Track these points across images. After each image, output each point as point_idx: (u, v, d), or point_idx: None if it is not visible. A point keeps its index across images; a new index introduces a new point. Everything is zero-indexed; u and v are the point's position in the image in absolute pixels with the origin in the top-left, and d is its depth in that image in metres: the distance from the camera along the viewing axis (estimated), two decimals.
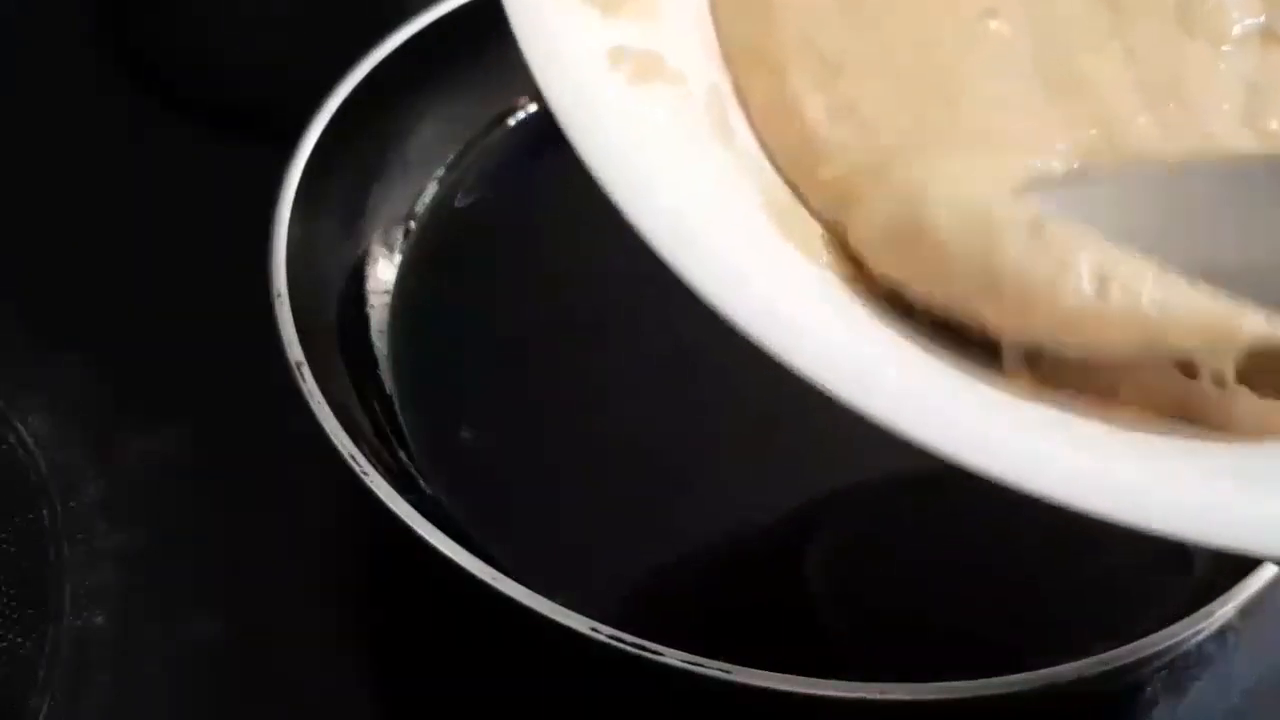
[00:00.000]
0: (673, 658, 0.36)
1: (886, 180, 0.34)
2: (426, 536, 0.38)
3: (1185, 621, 0.39)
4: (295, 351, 0.42)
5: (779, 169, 0.36)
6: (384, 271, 0.50)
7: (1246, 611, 0.42)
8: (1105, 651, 0.38)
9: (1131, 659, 0.38)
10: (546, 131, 0.57)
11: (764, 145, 0.36)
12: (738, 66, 0.37)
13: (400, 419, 0.46)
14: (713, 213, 0.32)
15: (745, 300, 0.30)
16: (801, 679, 0.36)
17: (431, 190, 0.53)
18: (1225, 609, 0.40)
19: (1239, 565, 0.41)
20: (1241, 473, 0.31)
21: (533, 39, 0.33)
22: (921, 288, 0.33)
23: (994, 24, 0.36)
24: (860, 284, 0.33)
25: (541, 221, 0.52)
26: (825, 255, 0.34)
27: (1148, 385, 0.32)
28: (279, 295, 0.44)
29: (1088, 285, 0.31)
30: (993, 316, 0.32)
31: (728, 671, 0.36)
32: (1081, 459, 0.30)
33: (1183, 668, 0.43)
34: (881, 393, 0.29)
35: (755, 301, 0.30)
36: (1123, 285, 0.31)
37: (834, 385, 0.29)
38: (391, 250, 0.51)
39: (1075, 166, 0.34)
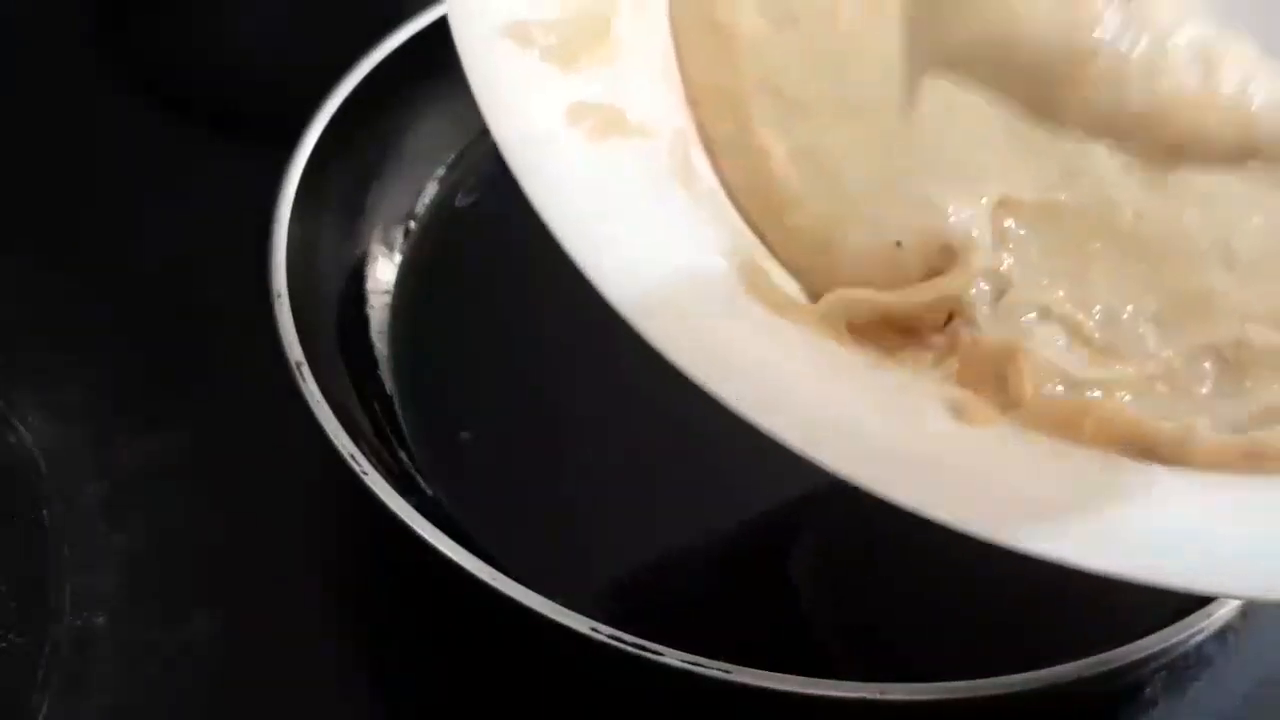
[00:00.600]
0: (673, 658, 0.36)
1: None
2: (426, 536, 0.39)
3: (1185, 621, 0.39)
4: (295, 351, 0.42)
5: (743, 213, 0.36)
6: (384, 271, 0.50)
7: (1246, 611, 0.42)
8: (1105, 651, 0.38)
9: (1131, 659, 0.38)
10: None
11: (728, 188, 0.36)
12: (701, 108, 0.37)
13: (400, 419, 0.46)
14: (673, 269, 0.33)
15: (705, 357, 0.30)
16: (801, 679, 0.36)
17: (431, 190, 0.53)
18: (1225, 609, 0.40)
19: None
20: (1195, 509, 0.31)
21: (491, 99, 0.33)
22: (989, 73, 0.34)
23: None
24: (827, 329, 0.33)
25: (542, 221, 0.52)
26: (788, 305, 0.34)
27: (1108, 421, 0.32)
28: (279, 295, 0.44)
29: (1190, 68, 0.32)
30: (1077, 96, 0.33)
31: (728, 671, 0.36)
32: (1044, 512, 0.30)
33: (1183, 668, 0.43)
34: (837, 449, 0.30)
35: (716, 359, 0.31)
36: (1229, 72, 0.32)
37: (795, 442, 0.30)
38: (391, 250, 0.51)
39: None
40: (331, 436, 0.41)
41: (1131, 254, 0.33)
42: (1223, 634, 0.43)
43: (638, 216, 0.33)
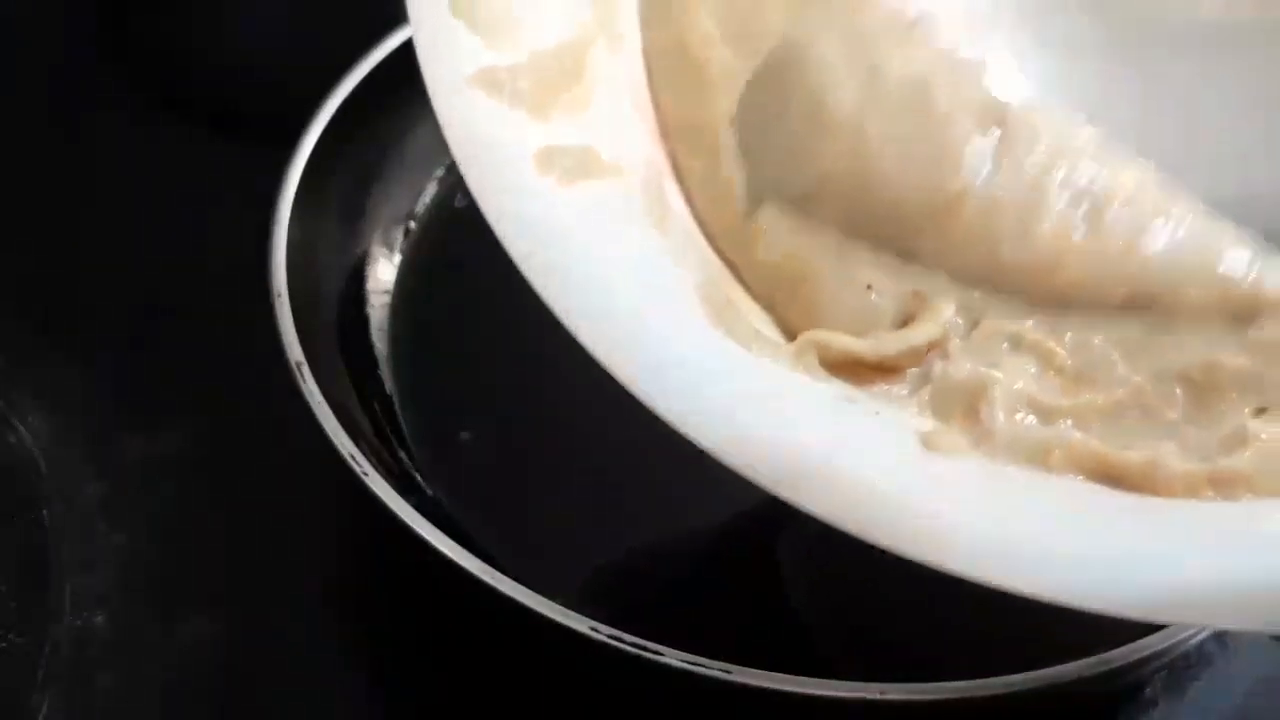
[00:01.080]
0: (673, 658, 0.36)
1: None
2: (426, 536, 0.38)
3: (1185, 621, 0.39)
4: (295, 351, 0.42)
5: (715, 245, 0.36)
6: (384, 271, 0.50)
7: None
8: (1105, 651, 0.38)
9: (1131, 659, 0.38)
10: None
11: (700, 220, 0.36)
12: (675, 143, 0.37)
13: (400, 419, 0.46)
14: (645, 309, 0.33)
15: (676, 397, 0.31)
16: (801, 679, 0.36)
17: (431, 190, 0.53)
18: None
19: None
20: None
21: (465, 148, 0.34)
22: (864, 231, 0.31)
23: None
24: (799, 364, 0.33)
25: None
26: (759, 340, 0.34)
27: (1075, 452, 0.32)
28: (279, 295, 0.44)
29: (1075, 209, 0.29)
30: (944, 246, 0.30)
31: (728, 671, 0.36)
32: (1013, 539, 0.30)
33: (1183, 668, 0.43)
34: (807, 488, 0.30)
35: (687, 397, 0.31)
36: (1119, 214, 0.29)
37: (766, 481, 0.30)
38: (391, 250, 0.51)
39: None
40: (331, 436, 0.41)
41: None
42: (1223, 634, 0.43)
43: (611, 260, 0.33)
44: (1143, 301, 0.30)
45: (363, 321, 0.49)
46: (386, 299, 0.50)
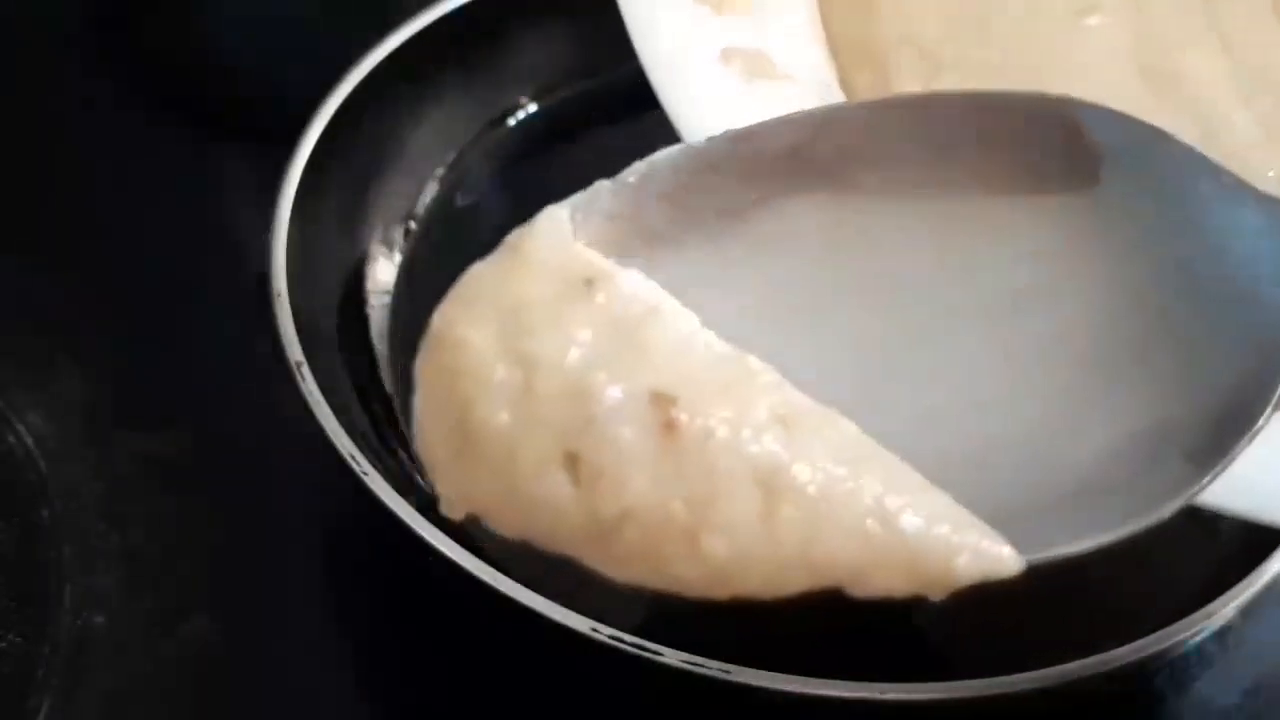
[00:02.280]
0: (673, 658, 0.36)
1: None
2: (426, 536, 0.38)
3: (1185, 621, 0.39)
4: (295, 351, 0.42)
5: None
6: (384, 271, 0.50)
7: (1246, 611, 0.42)
8: (1105, 651, 0.38)
9: (1131, 659, 0.38)
10: (546, 131, 0.57)
11: None
12: (843, 59, 0.37)
13: (400, 419, 0.46)
14: None
15: None
16: (801, 679, 0.36)
17: (431, 190, 0.53)
18: (1225, 609, 0.40)
19: (1239, 565, 0.41)
20: None
21: (649, 40, 0.34)
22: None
23: (1093, 20, 0.36)
24: None
25: None
26: None
27: None
28: (279, 295, 0.44)
29: (747, 499, 0.25)
30: (607, 559, 0.26)
31: (727, 671, 0.36)
32: None
33: (1183, 668, 0.43)
34: None
35: None
36: (797, 506, 0.25)
37: None
38: (391, 250, 0.51)
39: None
40: (331, 436, 0.41)
41: None
42: (1223, 634, 0.43)
43: None
44: (833, 589, 0.26)
45: (363, 321, 0.49)
46: (386, 299, 0.50)
